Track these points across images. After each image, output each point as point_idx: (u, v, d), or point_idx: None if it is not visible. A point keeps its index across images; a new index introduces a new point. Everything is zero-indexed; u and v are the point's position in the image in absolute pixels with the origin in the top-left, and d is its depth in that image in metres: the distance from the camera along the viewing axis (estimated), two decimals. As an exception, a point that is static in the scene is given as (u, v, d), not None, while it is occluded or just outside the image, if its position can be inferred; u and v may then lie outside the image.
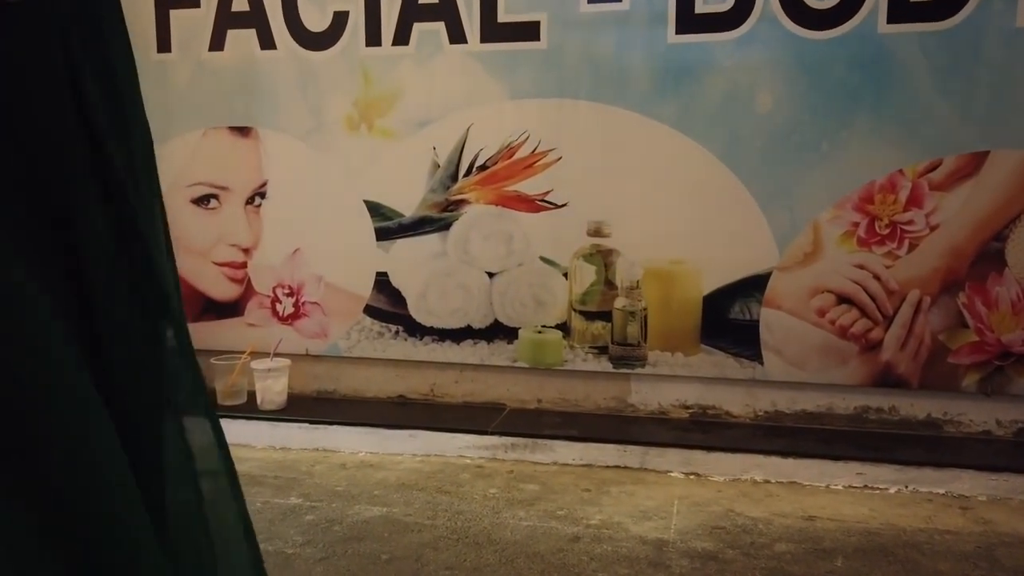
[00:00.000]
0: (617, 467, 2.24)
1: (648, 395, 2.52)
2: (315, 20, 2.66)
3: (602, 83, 2.46)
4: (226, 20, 2.73)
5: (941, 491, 2.02)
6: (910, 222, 2.27)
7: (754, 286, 2.39)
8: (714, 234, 2.42)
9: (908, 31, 2.22)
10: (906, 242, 2.28)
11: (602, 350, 2.53)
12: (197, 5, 2.73)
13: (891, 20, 2.23)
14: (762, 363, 2.40)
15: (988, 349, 2.25)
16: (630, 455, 2.26)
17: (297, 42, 2.68)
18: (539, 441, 2.34)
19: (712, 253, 2.42)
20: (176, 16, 2.77)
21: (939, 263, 2.26)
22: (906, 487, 2.04)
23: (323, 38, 2.66)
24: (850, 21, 2.26)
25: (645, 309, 2.49)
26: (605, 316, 2.52)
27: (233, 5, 2.71)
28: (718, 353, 2.44)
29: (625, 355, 2.51)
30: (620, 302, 2.50)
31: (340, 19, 2.64)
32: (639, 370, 2.50)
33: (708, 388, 2.47)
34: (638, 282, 2.48)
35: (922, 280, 2.28)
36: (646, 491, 2.08)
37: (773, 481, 2.11)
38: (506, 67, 2.52)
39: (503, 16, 2.50)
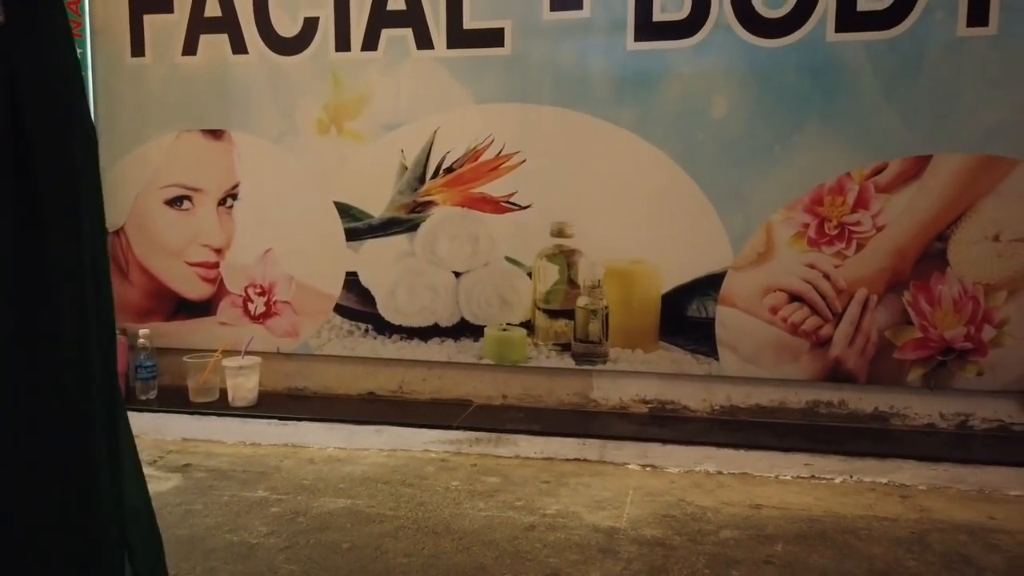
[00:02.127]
0: (577, 460, 2.31)
1: (609, 391, 2.60)
2: (286, 26, 2.72)
3: (564, 88, 2.53)
4: (199, 25, 2.78)
5: (884, 481, 2.11)
6: (857, 223, 2.36)
7: (710, 285, 2.48)
8: (672, 235, 2.50)
9: (855, 40, 2.31)
10: (854, 242, 2.37)
11: (565, 347, 2.61)
12: (171, 10, 2.79)
13: (839, 29, 2.32)
14: (718, 359, 2.48)
15: (932, 345, 2.34)
16: (589, 448, 2.33)
17: (269, 47, 2.74)
18: (502, 435, 2.41)
19: (670, 253, 2.50)
20: (150, 21, 2.82)
21: (885, 263, 2.35)
22: (851, 477, 2.13)
23: (294, 43, 2.72)
24: (800, 30, 2.35)
25: (606, 307, 2.56)
26: (568, 314, 2.59)
27: (206, 10, 2.77)
28: (676, 350, 2.52)
29: (587, 352, 2.59)
30: (582, 300, 2.58)
31: (311, 25, 2.70)
32: (600, 366, 2.58)
33: (667, 384, 2.55)
34: (599, 281, 2.56)
35: (869, 279, 2.37)
36: (603, 482, 2.15)
37: (725, 472, 2.19)
38: (472, 72, 2.59)
39: (469, 23, 2.58)
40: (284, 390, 2.84)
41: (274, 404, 2.69)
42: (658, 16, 2.45)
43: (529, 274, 2.62)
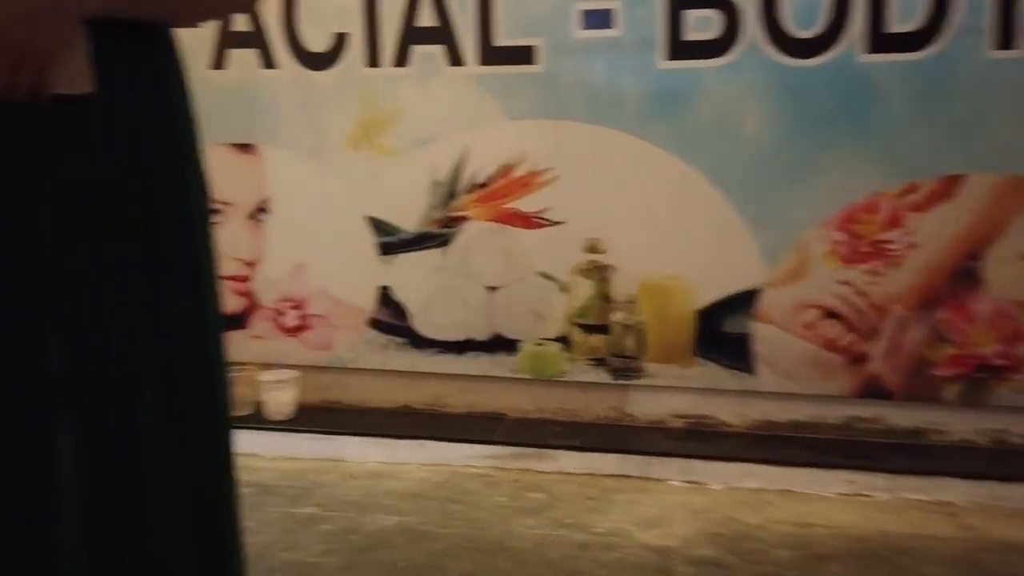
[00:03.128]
0: (619, 476, 2.33)
1: (645, 405, 2.62)
2: (316, 41, 2.72)
3: (596, 105, 2.55)
4: (227, 40, 2.78)
5: (927, 498, 2.14)
6: (890, 241, 2.40)
7: (745, 300, 2.50)
8: (705, 251, 2.52)
9: (885, 60, 2.35)
10: (887, 260, 2.40)
11: (600, 362, 2.63)
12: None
13: (869, 50, 2.35)
14: (755, 374, 2.52)
15: (967, 362, 2.38)
16: (631, 464, 2.36)
17: (299, 62, 2.74)
18: (543, 450, 2.44)
19: (704, 269, 2.53)
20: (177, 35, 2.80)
21: (919, 280, 2.39)
22: (894, 494, 2.16)
23: (324, 58, 2.72)
24: (831, 50, 2.37)
25: (641, 322, 2.59)
26: (603, 329, 2.62)
27: (234, 26, 2.76)
28: (712, 365, 2.55)
29: (623, 367, 2.61)
30: (617, 315, 2.60)
31: (341, 41, 2.70)
32: (636, 381, 2.61)
33: (703, 398, 2.57)
34: (634, 296, 2.59)
35: (903, 296, 2.41)
36: (648, 499, 2.18)
37: (768, 489, 2.22)
38: (504, 89, 2.60)
39: (500, 41, 2.59)
40: (319, 403, 2.84)
41: (310, 417, 2.70)
42: (689, 35, 2.47)
43: (563, 289, 2.64)
